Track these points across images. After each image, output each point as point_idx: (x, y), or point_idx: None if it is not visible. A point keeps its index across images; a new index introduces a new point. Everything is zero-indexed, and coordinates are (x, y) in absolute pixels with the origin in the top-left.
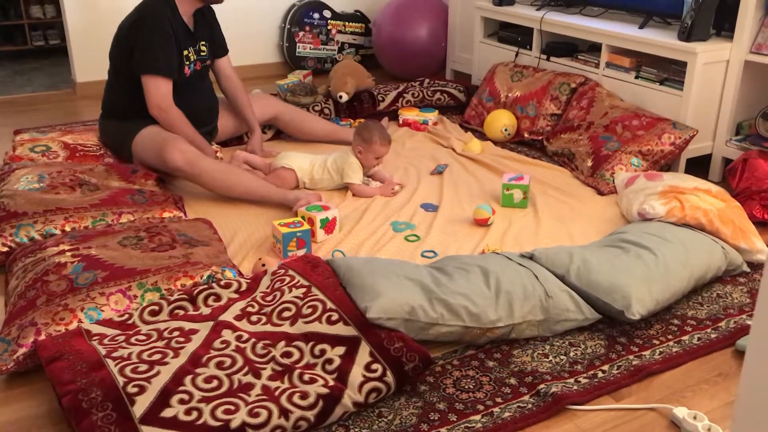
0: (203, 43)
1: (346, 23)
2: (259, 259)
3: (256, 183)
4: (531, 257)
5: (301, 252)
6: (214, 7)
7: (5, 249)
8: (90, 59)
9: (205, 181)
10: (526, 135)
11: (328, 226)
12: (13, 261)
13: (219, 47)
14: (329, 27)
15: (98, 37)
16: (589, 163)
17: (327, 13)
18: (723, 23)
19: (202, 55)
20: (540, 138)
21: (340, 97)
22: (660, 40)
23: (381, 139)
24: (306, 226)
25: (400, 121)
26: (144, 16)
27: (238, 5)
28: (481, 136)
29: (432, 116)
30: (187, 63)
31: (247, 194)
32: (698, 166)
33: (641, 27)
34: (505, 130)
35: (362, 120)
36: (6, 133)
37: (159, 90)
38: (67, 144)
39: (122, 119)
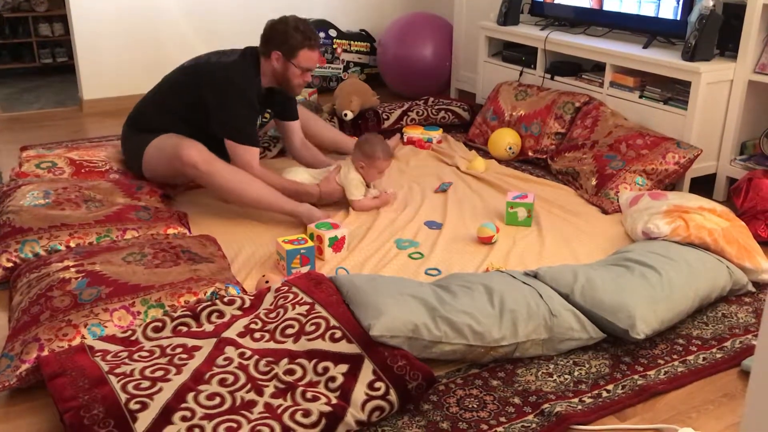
0: (268, 110)
1: (352, 42)
2: (263, 275)
3: (268, 191)
4: (535, 276)
5: (305, 269)
6: None
7: (10, 265)
8: (97, 77)
9: (217, 183)
10: (530, 153)
11: (337, 244)
12: (18, 277)
13: (289, 111)
14: (335, 46)
15: (105, 55)
16: (594, 182)
17: (333, 33)
18: (726, 43)
19: (264, 120)
20: (544, 157)
21: (345, 115)
22: (664, 60)
23: (383, 153)
24: (310, 243)
25: (405, 139)
26: (236, 81)
27: (246, 22)
28: (486, 154)
29: (436, 134)
30: (259, 127)
31: (258, 202)
32: (703, 186)
33: (645, 47)
34: (510, 148)
35: None
36: (13, 149)
37: (252, 158)
38: (73, 160)
39: (148, 132)
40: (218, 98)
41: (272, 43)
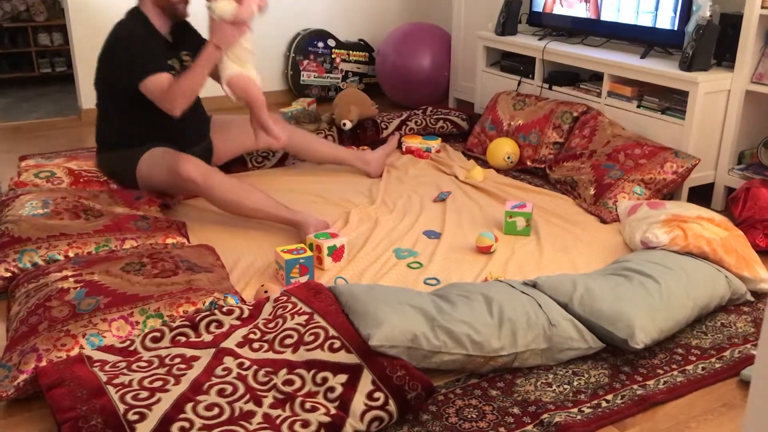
0: (186, 53)
1: (350, 52)
2: (262, 285)
3: (266, 201)
4: (534, 285)
5: (304, 279)
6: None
7: (8, 274)
8: None
9: (216, 195)
10: (528, 163)
11: (336, 253)
12: (16, 287)
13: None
14: (333, 56)
15: None
16: (592, 192)
17: (331, 42)
18: (724, 53)
19: (185, 65)
20: (542, 166)
21: (344, 124)
22: (661, 70)
23: None
24: (309, 253)
25: (404, 149)
26: (118, 35)
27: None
28: (484, 164)
29: (435, 144)
30: (172, 72)
31: (256, 212)
32: (701, 195)
33: (643, 57)
34: (508, 158)
35: (365, 147)
36: (12, 159)
37: (162, 84)
38: (72, 170)
39: (124, 147)
40: (115, 59)
41: None
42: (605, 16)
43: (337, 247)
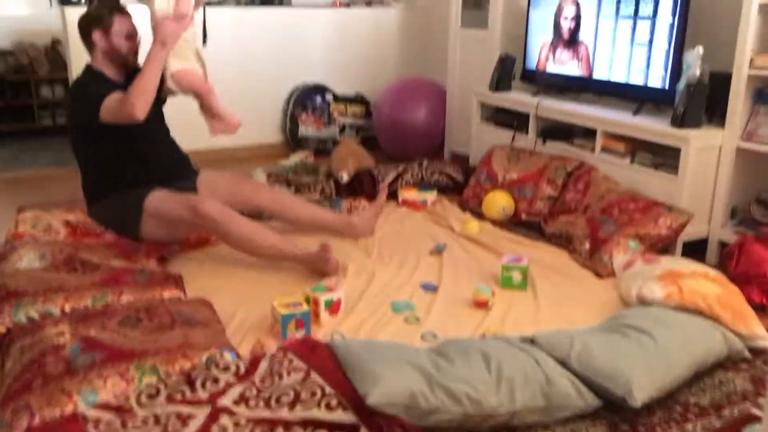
0: None
1: (347, 105)
2: (258, 340)
3: (283, 241)
4: (531, 341)
5: (300, 333)
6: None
7: (3, 330)
8: None
9: (233, 233)
10: (523, 216)
11: (333, 307)
12: (11, 342)
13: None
14: (331, 109)
15: None
16: (587, 246)
17: (329, 96)
18: (714, 110)
19: None
20: (538, 219)
21: (341, 177)
22: (653, 127)
23: None
24: (305, 308)
25: (400, 200)
26: (73, 90)
27: (245, 88)
28: (480, 216)
29: (431, 196)
30: None
31: (272, 249)
32: (695, 250)
33: (635, 113)
34: (504, 210)
35: (361, 200)
36: (10, 211)
37: (117, 97)
38: (69, 221)
39: (115, 194)
40: (75, 105)
41: (87, 31)
42: (597, 75)
43: (334, 301)
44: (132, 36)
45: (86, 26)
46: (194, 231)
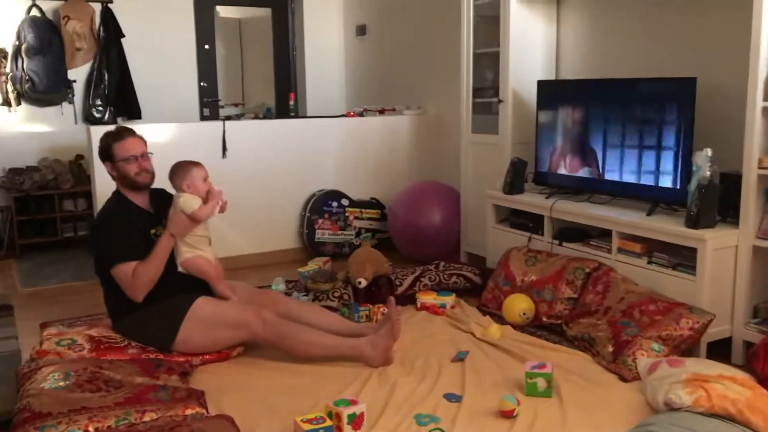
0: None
1: (363, 210)
2: None
3: (332, 341)
4: None
5: None
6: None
7: None
8: None
9: (289, 342)
10: (544, 319)
11: (356, 421)
12: None
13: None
14: (347, 214)
15: None
16: (610, 349)
17: (345, 201)
18: (727, 210)
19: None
20: (559, 322)
21: (359, 282)
22: (669, 228)
23: (191, 164)
24: (328, 423)
25: (418, 305)
26: (99, 218)
27: (263, 196)
28: (500, 319)
29: (449, 300)
30: (157, 238)
31: (325, 350)
32: (719, 350)
33: (649, 214)
34: (524, 314)
35: (380, 306)
36: (33, 326)
37: (128, 273)
38: (92, 337)
39: (149, 305)
40: (97, 241)
41: (103, 163)
42: (608, 176)
43: (357, 415)
44: (136, 156)
45: (101, 160)
46: (237, 339)
